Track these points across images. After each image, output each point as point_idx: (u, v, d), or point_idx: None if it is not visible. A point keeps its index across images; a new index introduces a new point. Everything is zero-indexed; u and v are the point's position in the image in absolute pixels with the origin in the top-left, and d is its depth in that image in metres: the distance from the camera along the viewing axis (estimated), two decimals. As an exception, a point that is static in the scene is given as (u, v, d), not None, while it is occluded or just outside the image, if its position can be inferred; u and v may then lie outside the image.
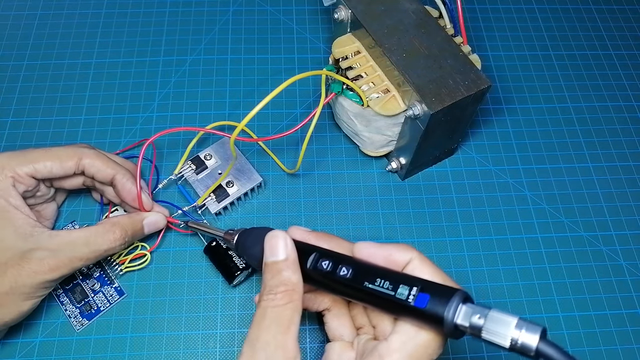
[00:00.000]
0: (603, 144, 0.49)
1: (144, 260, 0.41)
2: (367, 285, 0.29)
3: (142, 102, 0.50)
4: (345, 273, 0.30)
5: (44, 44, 0.53)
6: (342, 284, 0.30)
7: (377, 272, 0.29)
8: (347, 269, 0.30)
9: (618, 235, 0.45)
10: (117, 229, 0.37)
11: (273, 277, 0.30)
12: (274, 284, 0.30)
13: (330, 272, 0.30)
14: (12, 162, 0.36)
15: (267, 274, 0.31)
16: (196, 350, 0.39)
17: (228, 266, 0.40)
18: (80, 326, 0.39)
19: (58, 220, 0.43)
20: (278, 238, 0.31)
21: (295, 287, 0.30)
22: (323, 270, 0.30)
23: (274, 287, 0.30)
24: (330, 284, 0.30)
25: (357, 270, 0.30)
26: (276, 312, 0.29)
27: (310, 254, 0.31)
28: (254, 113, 0.35)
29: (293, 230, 0.34)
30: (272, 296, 0.29)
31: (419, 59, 0.40)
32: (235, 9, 0.56)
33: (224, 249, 0.40)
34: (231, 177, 0.43)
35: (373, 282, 0.29)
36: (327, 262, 0.30)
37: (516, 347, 0.24)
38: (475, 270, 0.43)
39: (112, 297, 0.40)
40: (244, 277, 0.41)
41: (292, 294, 0.29)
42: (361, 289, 0.29)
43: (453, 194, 0.46)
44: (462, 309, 0.26)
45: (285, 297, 0.29)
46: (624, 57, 0.55)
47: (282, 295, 0.29)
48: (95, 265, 0.41)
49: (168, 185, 0.44)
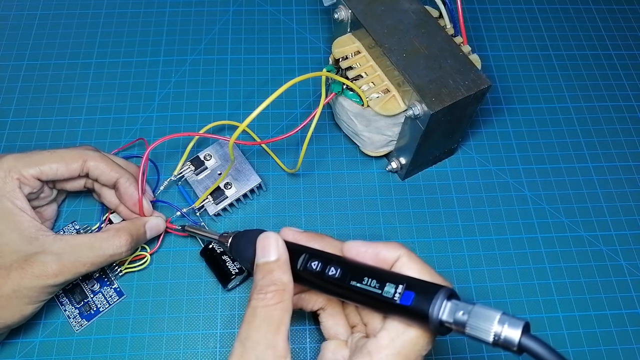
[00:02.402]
0: (603, 143, 0.49)
1: (144, 262, 0.41)
2: (354, 284, 0.29)
3: (142, 102, 0.50)
4: (334, 273, 0.30)
5: (44, 44, 0.53)
6: (331, 283, 0.30)
7: (365, 271, 0.29)
8: (336, 268, 0.30)
9: (618, 235, 0.45)
10: (122, 234, 0.37)
11: (264, 277, 0.30)
12: (264, 283, 0.30)
13: (320, 272, 0.30)
14: (18, 164, 0.36)
15: (258, 274, 0.31)
16: (196, 350, 0.39)
17: (223, 270, 0.40)
18: (79, 327, 0.39)
19: (58, 220, 0.43)
20: (269, 239, 0.32)
21: (286, 287, 0.30)
22: (313, 270, 0.31)
23: (265, 287, 0.30)
24: (320, 283, 0.31)
25: (346, 269, 0.30)
26: (266, 311, 0.29)
27: (301, 255, 0.32)
28: (254, 115, 0.35)
29: (285, 231, 0.34)
30: (263, 295, 0.29)
31: (419, 59, 0.40)
32: (235, 9, 0.56)
33: (218, 252, 0.40)
34: (230, 179, 0.43)
35: (361, 281, 0.29)
36: (316, 262, 0.31)
37: (499, 342, 0.25)
38: (476, 270, 0.43)
39: (112, 298, 0.40)
40: (239, 282, 0.41)
41: (282, 294, 0.30)
42: (349, 288, 0.29)
43: (453, 194, 0.46)
44: (447, 306, 0.26)
45: (275, 296, 0.29)
46: (624, 57, 0.55)
47: (272, 294, 0.29)
48: None
49: (168, 186, 0.44)
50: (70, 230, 0.43)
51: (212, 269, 0.40)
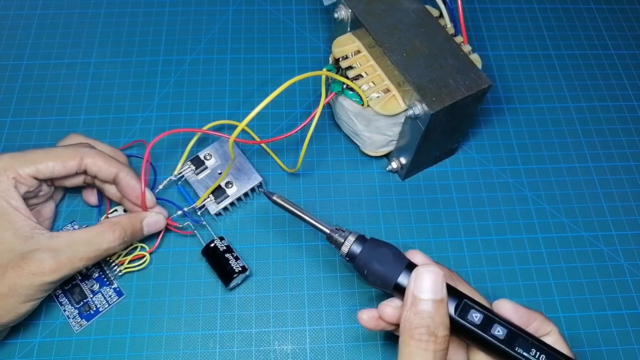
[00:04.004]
0: (604, 143, 0.49)
1: (143, 261, 0.41)
2: (521, 351, 0.29)
3: (141, 102, 0.49)
4: (500, 333, 0.29)
5: (43, 43, 0.53)
6: (492, 342, 0.29)
7: (531, 342, 0.29)
8: (503, 329, 0.29)
9: (619, 235, 0.44)
10: (116, 228, 0.37)
11: (432, 317, 0.28)
12: (434, 325, 0.28)
13: (482, 326, 0.30)
14: (14, 163, 0.36)
15: (424, 312, 0.28)
16: (196, 351, 0.39)
17: (225, 269, 0.39)
18: (79, 327, 0.39)
19: (57, 220, 0.43)
20: (438, 274, 0.29)
21: (448, 331, 0.28)
22: (473, 322, 0.30)
23: (436, 329, 0.28)
24: (477, 337, 0.30)
25: (512, 333, 0.29)
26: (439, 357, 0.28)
27: (456, 299, 0.30)
28: (254, 114, 0.35)
29: (415, 255, 0.33)
30: (434, 339, 0.28)
31: (419, 58, 0.39)
32: (235, 9, 0.56)
33: (221, 251, 0.40)
34: (230, 177, 0.43)
35: (528, 351, 0.29)
36: (478, 314, 0.30)
37: None
38: (476, 270, 0.43)
39: (111, 298, 0.40)
40: (241, 281, 0.41)
41: (447, 339, 0.28)
42: (512, 354, 0.29)
43: (453, 194, 0.46)
44: None
45: (445, 342, 0.28)
46: (625, 56, 0.54)
47: (443, 339, 0.28)
48: (95, 266, 0.41)
49: (168, 185, 0.44)
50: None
51: (214, 268, 0.40)
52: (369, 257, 0.33)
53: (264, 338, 0.40)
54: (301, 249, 0.43)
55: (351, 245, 0.33)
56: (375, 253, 0.33)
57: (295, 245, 0.43)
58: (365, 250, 0.33)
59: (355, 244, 0.33)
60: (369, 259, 0.33)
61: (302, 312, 0.41)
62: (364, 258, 0.33)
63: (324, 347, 0.39)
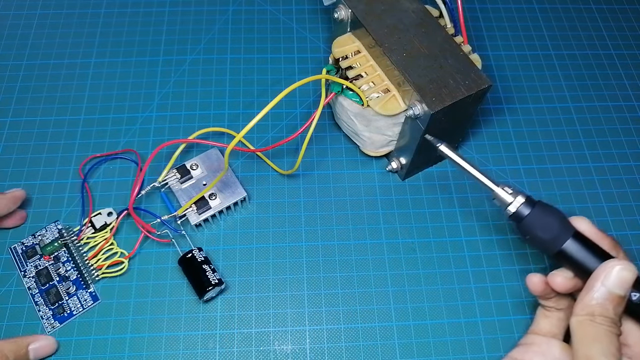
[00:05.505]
0: (604, 143, 0.49)
1: (122, 268, 0.41)
2: None
3: (141, 102, 0.49)
4: None
5: (43, 43, 0.53)
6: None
7: None
8: None
9: (619, 236, 0.44)
10: None
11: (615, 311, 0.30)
12: (616, 317, 0.30)
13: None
14: None
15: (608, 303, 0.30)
16: (196, 351, 0.39)
17: (200, 280, 0.39)
18: (51, 328, 0.39)
19: (41, 221, 0.43)
20: (633, 274, 0.30)
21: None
22: (636, 301, 0.31)
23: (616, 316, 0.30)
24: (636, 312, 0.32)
25: None
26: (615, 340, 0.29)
27: None
28: (251, 126, 0.35)
29: (581, 223, 0.34)
30: (615, 327, 0.29)
31: (419, 58, 0.39)
32: (234, 9, 0.56)
33: (198, 262, 0.40)
34: (215, 190, 0.43)
35: None
36: (637, 294, 0.31)
37: None
38: (476, 270, 0.43)
39: (86, 302, 0.40)
40: (215, 294, 0.40)
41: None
42: None
43: (453, 194, 0.46)
44: None
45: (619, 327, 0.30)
46: (625, 56, 0.54)
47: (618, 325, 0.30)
48: (73, 267, 0.41)
49: (151, 192, 0.43)
50: (52, 230, 0.42)
51: (189, 278, 0.40)
52: (535, 224, 0.33)
53: (264, 338, 0.40)
54: (301, 249, 0.43)
55: (519, 207, 0.33)
56: (541, 221, 0.33)
57: (295, 245, 0.43)
58: (532, 215, 0.33)
59: (523, 206, 0.33)
60: (534, 226, 0.33)
61: (302, 312, 0.41)
62: (529, 223, 0.33)
63: (324, 347, 0.39)
